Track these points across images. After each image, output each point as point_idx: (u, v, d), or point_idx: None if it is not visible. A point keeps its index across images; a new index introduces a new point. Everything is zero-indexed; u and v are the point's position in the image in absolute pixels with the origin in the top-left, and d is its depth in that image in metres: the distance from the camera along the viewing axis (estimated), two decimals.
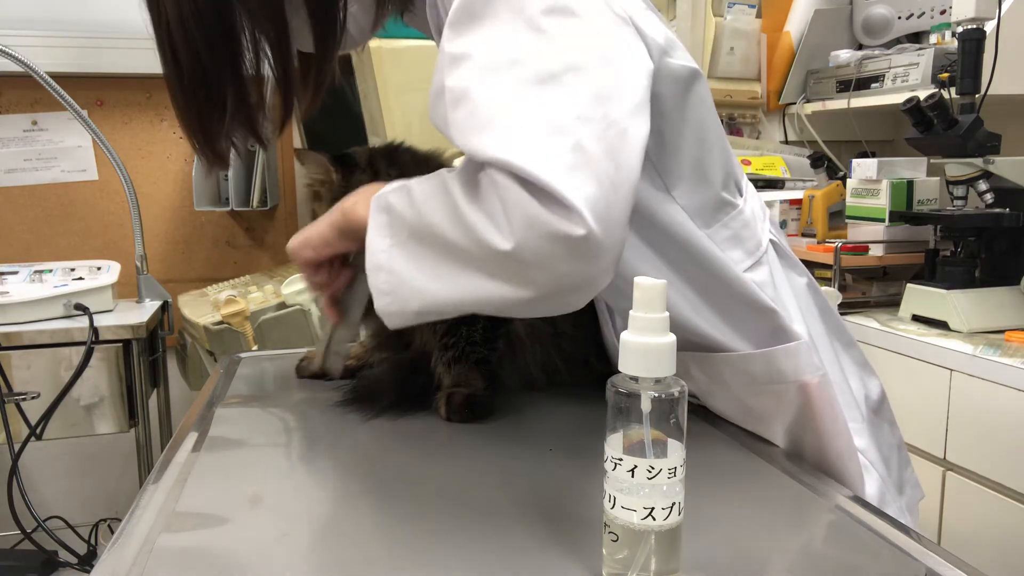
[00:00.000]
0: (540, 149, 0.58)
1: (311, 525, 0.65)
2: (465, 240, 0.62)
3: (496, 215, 0.60)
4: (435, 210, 0.65)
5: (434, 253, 0.66)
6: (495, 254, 0.60)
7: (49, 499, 2.25)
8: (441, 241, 0.65)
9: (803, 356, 0.78)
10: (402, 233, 0.68)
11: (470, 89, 0.63)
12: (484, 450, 0.81)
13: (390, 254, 0.68)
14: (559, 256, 0.58)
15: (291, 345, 1.55)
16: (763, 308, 0.79)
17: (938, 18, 2.18)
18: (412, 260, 0.67)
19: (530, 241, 0.58)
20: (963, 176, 1.75)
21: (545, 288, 0.60)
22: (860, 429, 0.84)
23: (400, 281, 0.68)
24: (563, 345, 0.97)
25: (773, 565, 0.60)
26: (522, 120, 0.60)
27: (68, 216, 2.29)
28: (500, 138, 0.60)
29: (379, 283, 0.69)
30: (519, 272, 0.60)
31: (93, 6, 2.21)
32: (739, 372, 0.81)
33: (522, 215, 0.58)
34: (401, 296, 0.68)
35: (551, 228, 0.57)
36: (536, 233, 0.58)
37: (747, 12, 2.43)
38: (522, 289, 0.61)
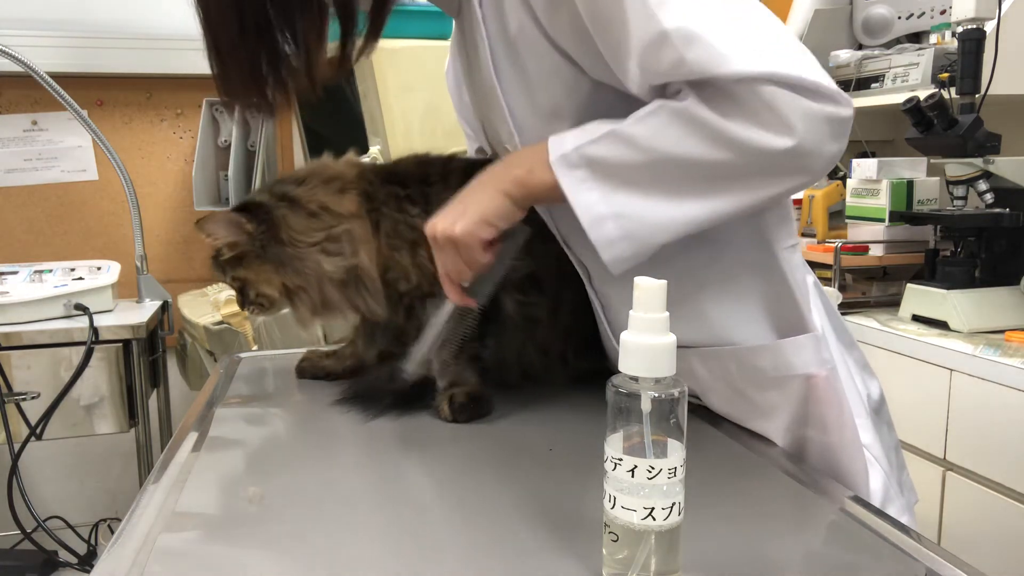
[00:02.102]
0: (785, 58, 0.66)
1: (311, 525, 0.65)
2: (731, 154, 0.68)
3: (770, 120, 0.66)
4: (681, 140, 0.68)
5: (678, 181, 0.70)
6: (777, 156, 0.67)
7: (49, 499, 2.25)
8: (693, 167, 0.69)
9: (812, 349, 0.79)
10: (616, 178, 0.71)
11: (694, 28, 0.66)
12: (484, 450, 0.81)
13: (610, 202, 0.71)
14: (832, 139, 0.67)
15: (291, 345, 1.55)
16: (792, 292, 0.80)
17: (938, 18, 2.18)
18: (646, 196, 0.71)
19: (811, 131, 0.66)
20: (963, 176, 1.75)
21: (814, 173, 0.69)
22: (865, 425, 0.84)
23: (637, 221, 0.71)
24: (538, 336, 0.96)
25: (773, 565, 0.60)
26: (755, 40, 0.67)
27: (68, 216, 2.29)
28: (750, 59, 0.65)
29: (608, 232, 0.71)
30: (797, 163, 0.68)
31: (93, 6, 2.21)
32: (746, 366, 0.81)
33: (801, 112, 0.66)
34: (640, 236, 0.71)
35: (828, 114, 0.66)
36: (816, 123, 0.66)
37: None
38: (796, 177, 0.70)
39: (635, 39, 0.68)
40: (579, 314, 0.95)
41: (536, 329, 0.96)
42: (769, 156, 0.67)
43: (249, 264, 0.95)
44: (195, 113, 2.29)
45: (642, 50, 0.68)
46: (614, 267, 0.73)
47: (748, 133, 0.66)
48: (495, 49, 0.79)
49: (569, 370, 0.99)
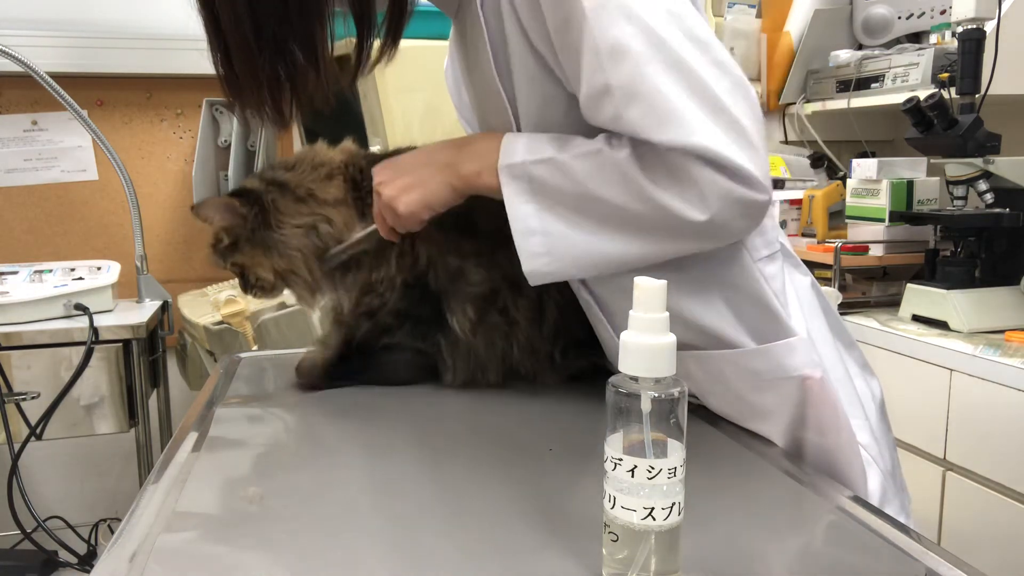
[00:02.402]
0: (719, 134, 0.67)
1: (311, 525, 0.65)
2: (648, 211, 0.72)
3: (690, 193, 0.69)
4: (609, 186, 0.73)
5: (601, 220, 0.75)
6: (688, 224, 0.70)
7: (49, 499, 2.25)
8: (618, 211, 0.73)
9: (803, 352, 0.79)
10: (550, 199, 0.76)
11: (638, 89, 0.69)
12: (484, 450, 0.81)
13: (541, 218, 0.77)
14: (744, 218, 0.70)
15: (291, 345, 1.55)
16: (768, 302, 0.80)
17: (938, 18, 2.18)
18: (571, 224, 0.76)
19: (724, 211, 0.69)
20: (963, 176, 1.75)
21: (721, 241, 0.74)
22: (862, 426, 0.84)
23: (558, 242, 0.76)
24: (518, 336, 0.97)
25: (773, 565, 0.60)
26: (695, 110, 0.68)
27: (68, 216, 2.29)
28: (683, 130, 0.68)
29: (533, 246, 0.77)
30: (705, 235, 0.72)
31: (93, 6, 2.21)
32: (741, 369, 0.81)
33: (718, 191, 0.68)
34: (559, 255, 0.77)
35: (744, 198, 0.69)
36: (730, 204, 0.69)
37: (747, 12, 2.43)
38: (700, 244, 0.74)
39: (584, 84, 0.72)
40: (568, 315, 0.95)
41: (516, 330, 0.97)
42: (682, 224, 0.71)
43: (243, 249, 0.98)
44: (195, 113, 2.29)
45: (587, 96, 0.72)
46: (531, 278, 0.78)
47: (668, 200, 0.70)
48: (497, 51, 0.79)
49: (559, 369, 0.99)
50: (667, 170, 0.70)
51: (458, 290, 0.96)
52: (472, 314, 0.96)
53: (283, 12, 0.77)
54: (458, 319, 0.96)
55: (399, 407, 0.95)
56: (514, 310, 0.96)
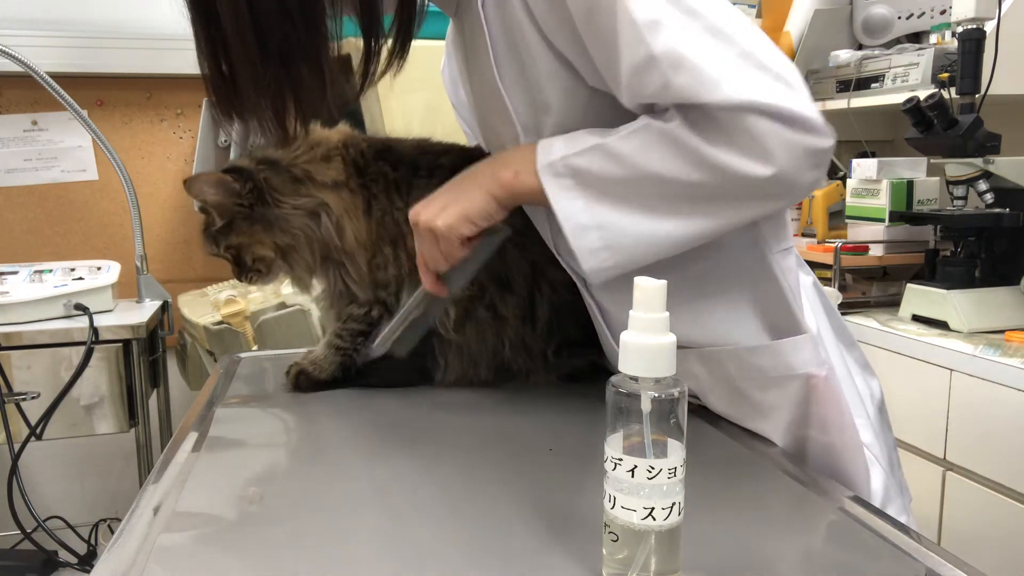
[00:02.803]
0: (770, 87, 0.66)
1: (311, 525, 0.65)
2: (712, 178, 0.69)
3: (751, 148, 0.67)
4: (663, 158, 0.69)
5: (660, 199, 0.71)
6: (754, 182, 0.68)
7: (49, 499, 2.25)
8: (673, 186, 0.70)
9: (810, 349, 0.79)
10: (599, 190, 0.72)
11: (683, 54, 0.67)
12: (484, 450, 0.81)
13: (593, 212, 0.72)
14: (811, 168, 0.68)
15: (291, 345, 1.55)
16: (784, 295, 0.80)
17: (938, 18, 2.18)
18: (627, 211, 0.72)
19: (790, 161, 0.67)
20: (963, 176, 1.75)
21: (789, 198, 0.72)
22: (865, 425, 0.85)
23: (619, 233, 0.72)
24: (508, 333, 0.97)
25: (773, 565, 0.60)
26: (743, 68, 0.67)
27: (68, 216, 2.29)
28: (736, 87, 0.66)
29: (590, 242, 0.72)
30: (775, 190, 0.69)
31: (93, 6, 2.21)
32: (746, 366, 0.81)
33: (782, 141, 0.66)
34: (621, 247, 0.72)
35: (807, 145, 0.67)
36: (796, 153, 0.67)
37: (747, 12, 2.43)
38: (769, 203, 0.71)
39: (625, 60, 0.69)
40: (562, 314, 0.95)
41: (505, 326, 0.97)
42: (748, 182, 0.68)
43: (240, 228, 0.96)
44: (195, 113, 2.29)
45: (631, 72, 0.69)
46: (594, 276, 0.74)
47: (729, 159, 0.67)
48: (497, 50, 0.78)
49: (553, 368, 0.99)
50: (723, 130, 0.67)
51: None
52: (454, 314, 0.96)
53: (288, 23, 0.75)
54: (440, 319, 0.96)
55: (399, 407, 0.95)
56: (502, 307, 0.96)
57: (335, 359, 1.00)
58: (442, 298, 0.87)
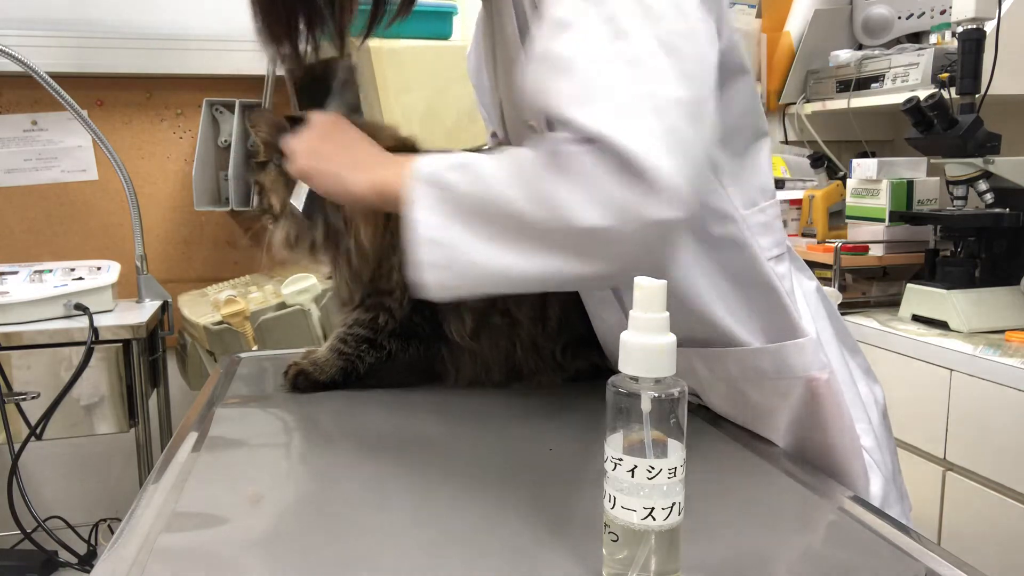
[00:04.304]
0: (640, 129, 0.59)
1: (311, 525, 0.65)
2: (547, 218, 0.63)
3: (586, 193, 0.60)
4: (507, 188, 0.65)
5: (502, 228, 0.66)
6: (579, 232, 0.61)
7: (49, 499, 2.24)
8: (515, 217, 0.65)
9: (811, 352, 0.79)
10: (457, 207, 0.68)
11: (575, 60, 0.63)
12: (485, 450, 0.81)
13: (445, 227, 0.68)
14: (643, 237, 0.60)
15: (291, 345, 1.55)
16: (780, 300, 0.80)
17: (938, 18, 2.18)
18: (474, 234, 0.67)
19: (624, 224, 0.60)
20: (963, 176, 1.75)
21: (624, 267, 0.62)
22: (866, 429, 0.84)
23: (459, 255, 0.68)
24: (521, 335, 0.97)
25: (773, 565, 0.60)
26: (624, 98, 0.61)
27: (68, 216, 2.29)
28: (603, 114, 0.60)
29: (433, 257, 0.69)
30: (601, 250, 0.62)
31: (93, 6, 2.21)
32: (748, 368, 0.81)
33: (617, 198, 0.59)
34: (457, 270, 0.68)
35: (642, 212, 0.59)
36: (630, 217, 0.59)
37: (747, 12, 2.43)
38: (597, 265, 0.63)
39: (528, 51, 0.67)
40: (569, 310, 0.95)
41: (519, 329, 0.97)
42: (573, 230, 0.62)
43: (269, 171, 0.98)
44: (195, 113, 2.29)
45: (526, 63, 0.67)
46: (431, 292, 0.70)
47: (560, 196, 0.62)
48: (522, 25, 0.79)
49: (561, 368, 0.99)
50: (570, 163, 0.61)
51: (455, 302, 0.95)
52: (470, 321, 0.96)
53: None
54: (456, 327, 0.96)
55: (399, 407, 0.95)
56: (516, 310, 0.96)
57: (337, 363, 0.99)
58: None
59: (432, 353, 0.99)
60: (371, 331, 0.98)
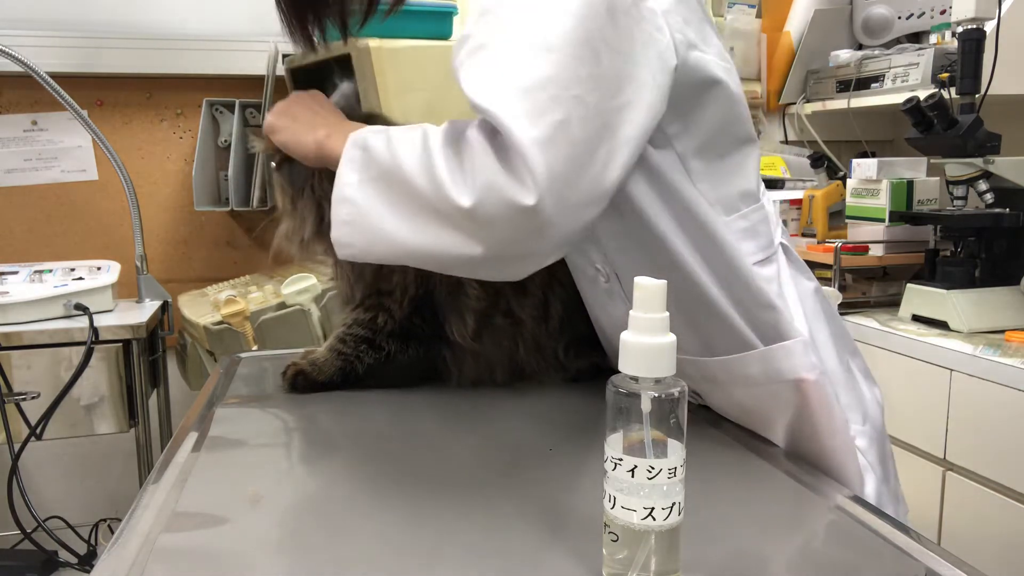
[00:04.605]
0: (527, 112, 0.62)
1: (311, 525, 0.65)
2: (431, 189, 0.67)
3: (464, 171, 0.65)
4: (409, 156, 0.70)
5: (399, 196, 0.71)
6: (454, 208, 0.65)
7: (49, 499, 2.24)
8: (409, 186, 0.69)
9: (800, 354, 0.78)
10: (373, 171, 0.73)
11: (488, 44, 0.66)
12: (484, 450, 0.81)
13: (358, 188, 0.73)
14: (509, 221, 0.63)
15: (291, 345, 1.55)
16: (766, 302, 0.79)
17: (938, 18, 2.18)
18: (378, 198, 0.72)
19: (486, 202, 0.63)
20: (963, 176, 1.75)
21: (492, 250, 0.65)
22: (861, 431, 0.84)
23: (362, 215, 0.73)
24: (524, 335, 0.97)
25: (773, 565, 0.60)
26: (524, 82, 0.63)
27: (68, 216, 2.29)
28: (496, 91, 0.63)
29: (341, 213, 0.74)
30: (472, 229, 0.65)
31: (93, 6, 2.21)
32: (736, 374, 0.81)
33: (485, 175, 0.63)
34: (359, 229, 0.73)
35: (505, 193, 0.62)
36: (493, 195, 0.63)
37: (747, 12, 2.43)
38: (473, 246, 0.66)
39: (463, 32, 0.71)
40: (571, 309, 0.95)
41: (522, 329, 0.96)
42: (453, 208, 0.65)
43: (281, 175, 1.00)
44: (195, 113, 2.29)
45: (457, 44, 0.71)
46: (338, 250, 0.75)
47: (444, 174, 0.66)
48: None
49: (563, 368, 0.99)
50: (460, 142, 0.66)
51: (457, 303, 0.95)
52: (472, 322, 0.96)
53: None
54: (457, 329, 0.96)
55: (399, 407, 0.95)
56: (519, 310, 0.96)
57: (336, 363, 0.99)
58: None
59: (433, 354, 0.99)
60: (370, 331, 0.98)
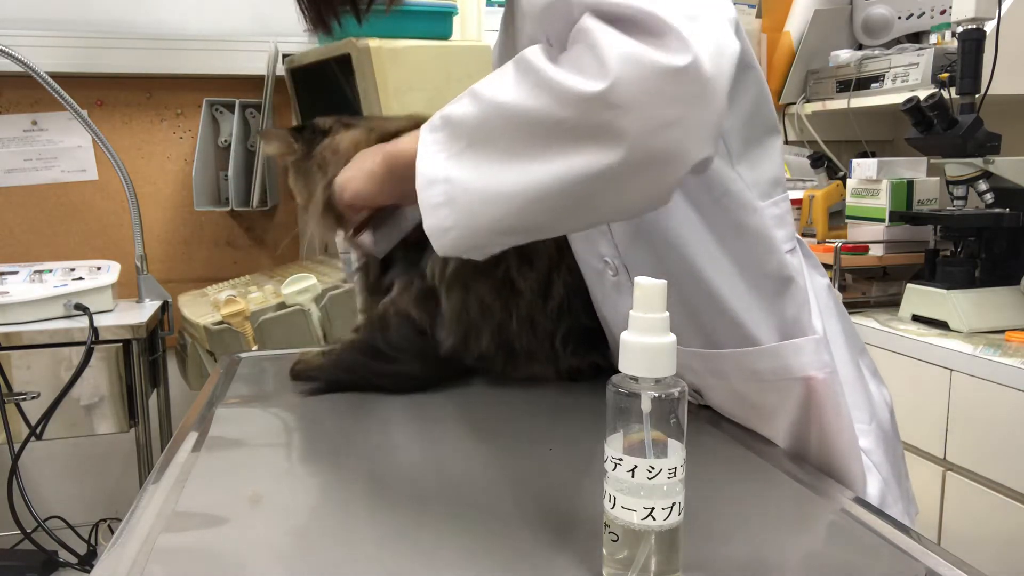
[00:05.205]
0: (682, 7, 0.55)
1: (311, 525, 0.65)
2: (548, 102, 0.58)
3: (586, 59, 0.56)
4: (514, 86, 0.61)
5: (507, 139, 0.61)
6: (584, 100, 0.56)
7: (49, 499, 2.25)
8: (517, 119, 0.60)
9: (812, 352, 0.78)
10: (463, 140, 0.64)
11: None
12: (484, 450, 0.81)
13: (446, 166, 0.64)
14: (659, 94, 0.54)
15: (291, 345, 1.55)
16: (796, 292, 0.79)
17: (938, 18, 2.18)
18: (481, 163, 0.63)
19: (625, 76, 0.54)
20: (963, 176, 1.75)
21: (638, 139, 0.55)
22: (867, 431, 0.84)
23: (461, 188, 0.63)
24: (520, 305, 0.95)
25: (773, 565, 0.60)
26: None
27: (68, 216, 2.29)
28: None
29: (432, 196, 0.64)
30: (609, 120, 0.55)
31: (93, 6, 2.21)
32: (744, 369, 0.81)
33: (620, 49, 0.55)
34: (460, 204, 0.63)
35: (651, 57, 0.54)
36: (633, 65, 0.54)
37: (747, 12, 2.43)
38: (611, 149, 0.56)
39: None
40: (572, 297, 0.95)
41: (519, 299, 0.95)
42: (575, 101, 0.56)
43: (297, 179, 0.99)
44: (195, 113, 2.29)
45: None
46: (436, 240, 0.65)
47: (560, 74, 0.57)
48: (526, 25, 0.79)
49: (557, 360, 0.99)
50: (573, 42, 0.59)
51: None
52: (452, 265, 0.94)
53: None
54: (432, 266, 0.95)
55: (399, 407, 0.95)
56: (519, 279, 0.94)
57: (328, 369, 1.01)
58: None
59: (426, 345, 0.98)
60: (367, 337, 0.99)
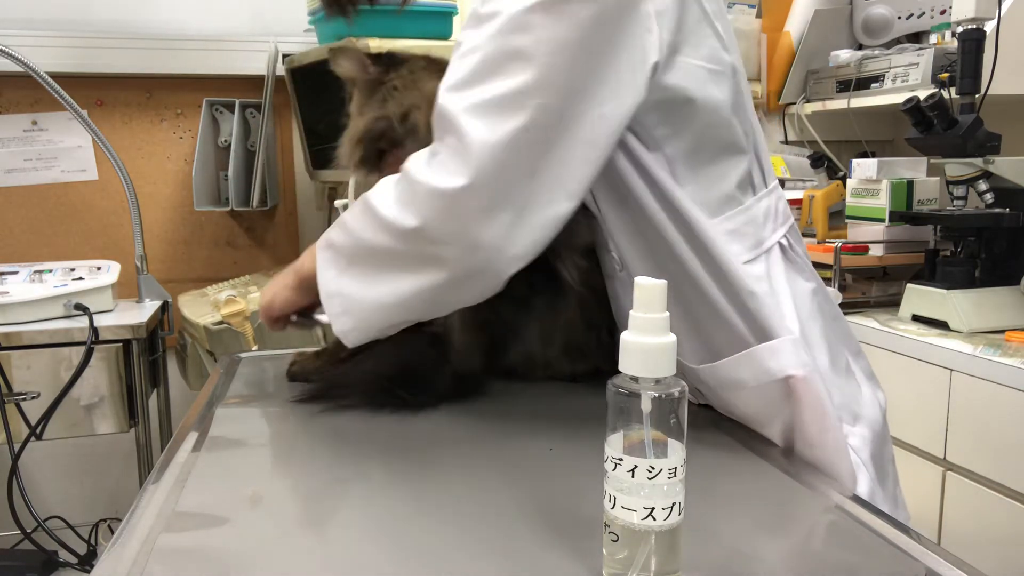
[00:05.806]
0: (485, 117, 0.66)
1: (311, 525, 0.65)
2: (385, 237, 0.72)
3: (405, 200, 0.69)
4: (360, 225, 0.75)
5: (370, 265, 0.76)
6: (409, 236, 0.69)
7: (49, 499, 2.25)
8: (371, 249, 0.75)
9: (789, 352, 0.77)
10: (343, 260, 0.79)
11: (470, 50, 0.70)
12: (485, 450, 0.81)
13: (338, 281, 0.79)
14: (454, 219, 0.67)
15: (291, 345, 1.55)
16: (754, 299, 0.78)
17: (938, 18, 2.18)
18: (358, 279, 0.78)
19: (430, 211, 0.68)
20: (963, 176, 1.75)
21: (455, 263, 0.70)
22: (852, 431, 0.83)
23: (351, 300, 0.78)
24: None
25: (773, 565, 0.60)
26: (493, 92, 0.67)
27: (68, 216, 2.29)
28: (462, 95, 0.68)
29: (334, 308, 0.79)
30: (432, 251, 0.69)
31: (93, 6, 2.21)
32: (725, 380, 0.81)
33: (423, 187, 0.68)
34: (355, 313, 0.79)
35: (438, 186, 0.66)
36: (433, 199, 0.67)
37: (747, 12, 2.43)
38: (438, 270, 0.71)
39: None
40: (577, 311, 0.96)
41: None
42: (404, 237, 0.71)
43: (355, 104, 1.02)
44: (195, 113, 2.29)
45: None
46: (346, 340, 0.81)
47: (387, 213, 0.71)
48: None
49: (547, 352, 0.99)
50: (395, 182, 0.72)
51: None
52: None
53: None
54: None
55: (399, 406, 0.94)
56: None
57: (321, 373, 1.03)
58: None
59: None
60: None
